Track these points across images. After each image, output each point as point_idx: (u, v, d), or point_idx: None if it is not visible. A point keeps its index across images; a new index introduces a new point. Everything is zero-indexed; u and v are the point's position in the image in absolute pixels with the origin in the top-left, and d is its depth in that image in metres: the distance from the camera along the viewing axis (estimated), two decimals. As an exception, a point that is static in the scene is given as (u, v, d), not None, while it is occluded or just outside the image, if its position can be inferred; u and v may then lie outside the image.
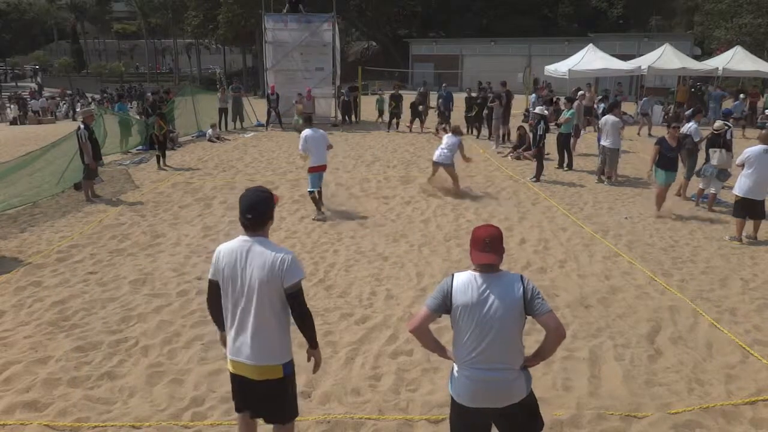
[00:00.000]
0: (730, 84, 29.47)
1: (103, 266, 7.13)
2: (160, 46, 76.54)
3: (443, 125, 18.65)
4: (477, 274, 2.91)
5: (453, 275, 2.97)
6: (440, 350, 3.13)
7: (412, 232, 8.60)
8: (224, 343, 3.35)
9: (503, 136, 17.23)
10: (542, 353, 3.04)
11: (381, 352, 5.08)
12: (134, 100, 37.83)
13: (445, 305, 2.93)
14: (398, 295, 6.32)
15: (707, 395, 4.46)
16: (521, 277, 2.93)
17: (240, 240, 3.11)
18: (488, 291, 2.86)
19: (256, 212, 3.05)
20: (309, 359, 3.30)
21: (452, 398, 3.06)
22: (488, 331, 2.85)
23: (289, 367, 3.18)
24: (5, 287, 6.45)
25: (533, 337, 4.56)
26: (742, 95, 22.34)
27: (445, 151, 10.57)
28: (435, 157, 10.72)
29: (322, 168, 9.33)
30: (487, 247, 2.88)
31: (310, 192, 9.32)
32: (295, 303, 3.08)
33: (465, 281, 2.90)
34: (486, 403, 2.94)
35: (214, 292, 3.22)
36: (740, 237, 8.23)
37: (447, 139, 10.85)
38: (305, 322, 3.14)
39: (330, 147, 9.50)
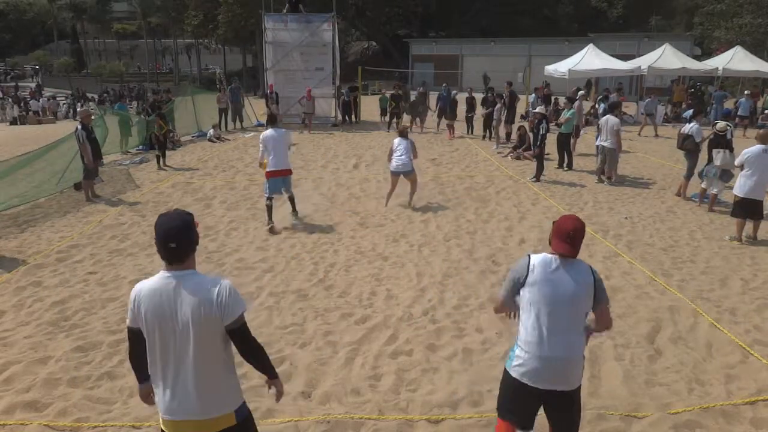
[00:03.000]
0: (731, 84, 29.47)
1: (103, 266, 7.13)
2: (160, 46, 76.53)
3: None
4: (555, 256, 3.10)
5: (529, 255, 3.15)
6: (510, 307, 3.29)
7: (412, 232, 8.60)
8: (145, 396, 2.94)
9: (506, 135, 17.25)
10: (591, 330, 3.26)
11: (381, 352, 5.08)
12: (134, 100, 37.89)
13: (520, 280, 3.10)
14: (398, 295, 6.32)
15: (707, 395, 4.46)
16: (591, 267, 3.17)
17: (162, 277, 2.62)
18: (566, 272, 3.05)
19: (181, 240, 2.59)
20: (270, 389, 2.93)
21: (509, 375, 3.13)
22: (562, 311, 3.01)
23: (242, 412, 2.77)
24: (5, 287, 6.46)
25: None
26: (747, 91, 22.25)
27: (404, 157, 9.50)
28: (394, 167, 9.56)
29: (281, 173, 8.55)
30: (569, 239, 3.05)
31: (266, 198, 8.60)
32: (240, 339, 2.67)
33: (544, 260, 3.10)
34: (550, 384, 3.02)
35: (136, 342, 2.73)
36: (740, 237, 8.24)
37: (398, 144, 9.65)
38: (256, 356, 2.76)
39: (291, 146, 9.40)
